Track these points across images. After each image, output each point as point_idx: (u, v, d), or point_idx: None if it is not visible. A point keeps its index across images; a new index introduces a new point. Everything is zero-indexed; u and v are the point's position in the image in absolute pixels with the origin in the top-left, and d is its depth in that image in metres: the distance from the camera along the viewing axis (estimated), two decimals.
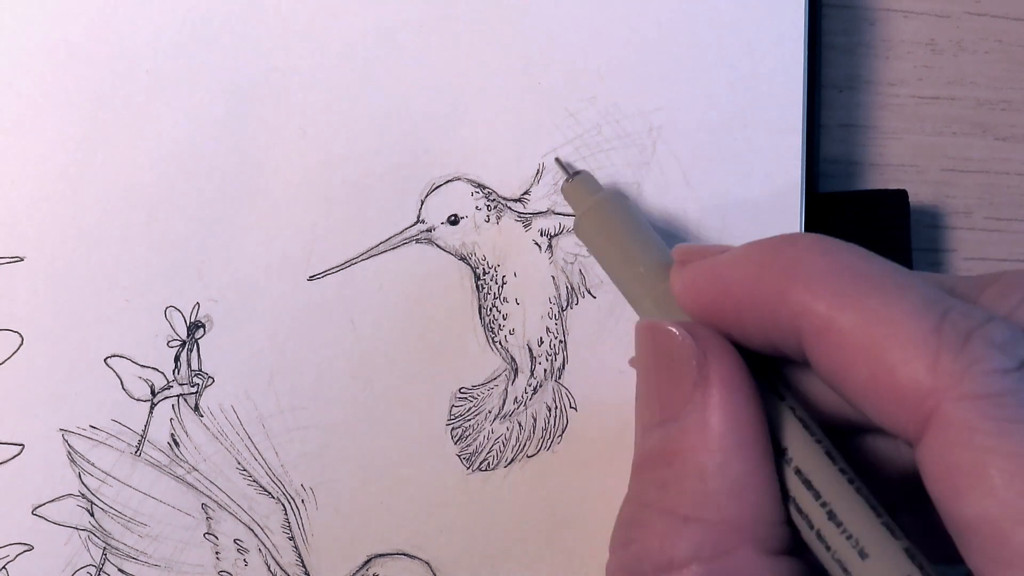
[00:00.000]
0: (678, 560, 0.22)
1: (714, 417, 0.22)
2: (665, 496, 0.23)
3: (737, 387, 0.23)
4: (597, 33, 0.32)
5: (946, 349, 0.19)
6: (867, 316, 0.20)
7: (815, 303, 0.21)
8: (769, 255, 0.23)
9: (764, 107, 0.33)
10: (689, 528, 0.22)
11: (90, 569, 0.31)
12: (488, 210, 0.32)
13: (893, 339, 0.20)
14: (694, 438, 0.22)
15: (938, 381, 0.19)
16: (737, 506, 0.22)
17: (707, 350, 0.23)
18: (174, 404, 0.31)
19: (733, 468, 0.22)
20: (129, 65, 0.32)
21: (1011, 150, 0.37)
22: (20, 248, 0.31)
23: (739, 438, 0.22)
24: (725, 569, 0.21)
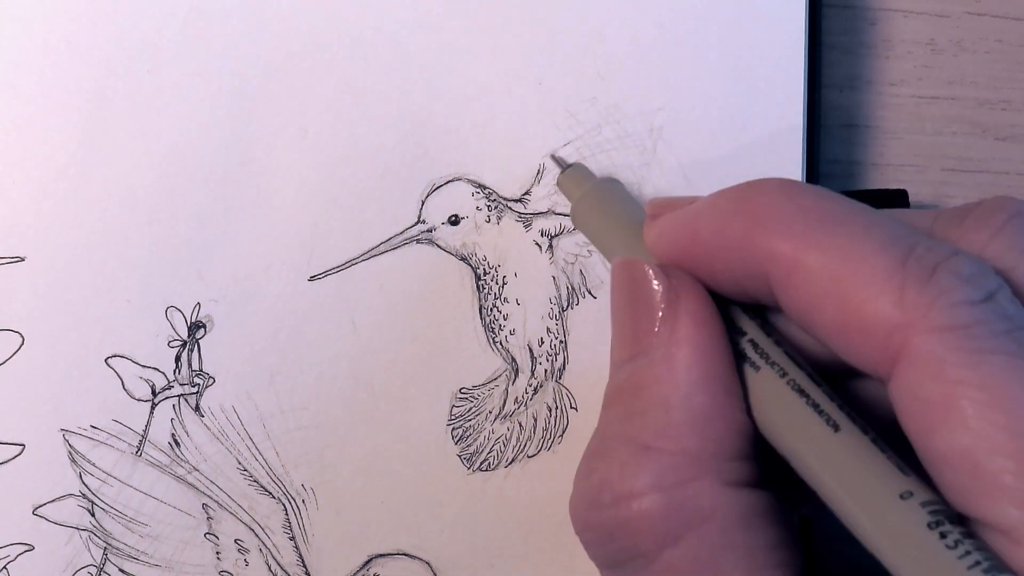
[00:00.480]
0: (638, 488, 0.22)
1: (680, 351, 0.22)
2: (629, 426, 0.23)
3: (704, 322, 0.23)
4: (598, 34, 0.32)
5: (912, 283, 0.19)
6: (832, 255, 0.20)
7: (781, 245, 0.21)
8: (735, 201, 0.23)
9: (764, 107, 0.33)
10: (650, 457, 0.22)
11: (91, 569, 0.31)
12: (489, 210, 0.32)
13: (858, 276, 0.20)
14: (660, 370, 0.23)
15: (905, 315, 0.19)
16: (699, 437, 0.22)
17: (677, 287, 0.23)
18: (175, 404, 0.31)
19: (696, 400, 0.22)
20: (130, 65, 0.32)
21: (1011, 150, 0.37)
22: (21, 248, 0.31)
23: (704, 371, 0.22)
24: (684, 498, 0.21)
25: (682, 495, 0.22)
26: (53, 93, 0.31)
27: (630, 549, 0.22)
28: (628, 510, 0.22)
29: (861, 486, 0.20)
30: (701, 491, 0.22)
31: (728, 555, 0.21)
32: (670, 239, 0.24)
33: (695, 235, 0.23)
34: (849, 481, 0.20)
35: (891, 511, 0.19)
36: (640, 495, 0.22)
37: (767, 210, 0.22)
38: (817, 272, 0.20)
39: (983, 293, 0.19)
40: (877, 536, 0.20)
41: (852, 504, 0.20)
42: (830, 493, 0.21)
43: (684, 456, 0.22)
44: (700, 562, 0.21)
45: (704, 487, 0.22)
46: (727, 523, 0.21)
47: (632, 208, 0.29)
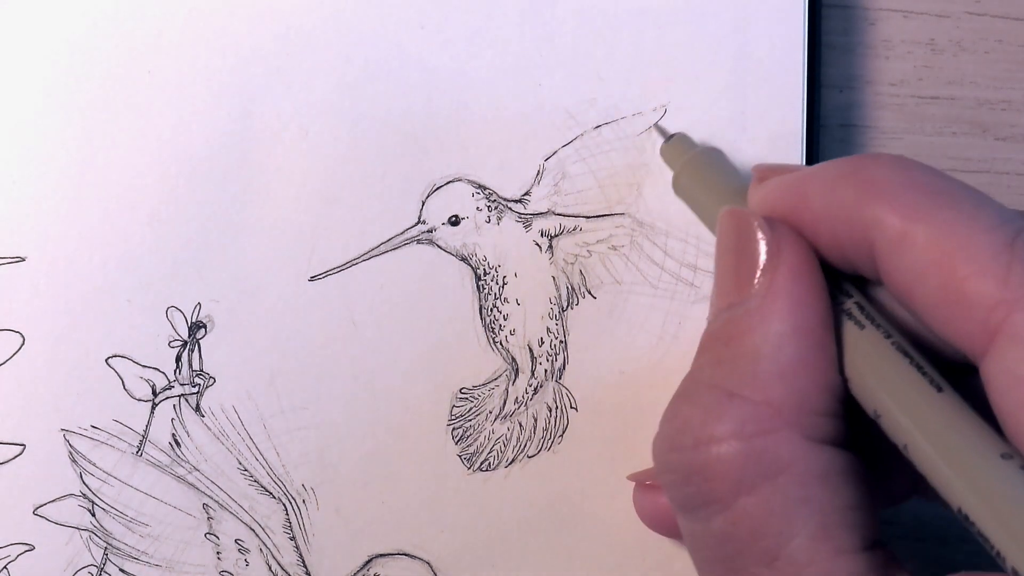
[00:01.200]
0: (719, 434, 0.22)
1: (776, 303, 0.22)
2: (716, 372, 0.23)
3: (804, 278, 0.23)
4: (597, 34, 0.32)
5: (1018, 263, 0.19)
6: (941, 229, 0.20)
7: (889, 215, 0.21)
8: (847, 169, 0.23)
9: (764, 107, 0.33)
10: (734, 405, 0.22)
11: (91, 569, 0.31)
12: (489, 211, 0.32)
13: (966, 251, 0.20)
14: (754, 320, 0.23)
15: (1009, 293, 0.19)
16: (784, 389, 0.22)
17: (780, 240, 0.23)
18: (175, 404, 0.31)
19: (786, 352, 0.22)
20: (131, 65, 0.32)
21: (1011, 150, 0.37)
22: (21, 248, 0.31)
23: (796, 324, 0.22)
24: (763, 448, 0.21)
25: (761, 444, 0.22)
26: (54, 93, 0.31)
27: (706, 493, 0.22)
28: (707, 454, 0.22)
29: (963, 445, 0.20)
30: (781, 442, 0.22)
31: (802, 509, 0.21)
32: (778, 200, 0.24)
33: (804, 198, 0.24)
34: (951, 440, 0.20)
35: (993, 470, 0.19)
36: (720, 441, 0.22)
37: (879, 179, 0.22)
38: (924, 244, 0.21)
39: None
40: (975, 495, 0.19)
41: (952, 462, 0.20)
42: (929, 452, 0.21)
43: (768, 406, 0.22)
44: (773, 513, 0.21)
45: (784, 439, 0.22)
46: (804, 477, 0.21)
47: (734, 175, 0.29)
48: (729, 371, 0.22)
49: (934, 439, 0.20)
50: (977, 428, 0.20)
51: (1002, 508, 0.19)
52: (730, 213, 0.25)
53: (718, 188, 0.28)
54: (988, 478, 0.19)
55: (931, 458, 0.20)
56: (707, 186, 0.29)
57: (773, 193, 0.25)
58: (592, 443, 0.32)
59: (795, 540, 0.21)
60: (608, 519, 0.31)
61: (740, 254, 0.24)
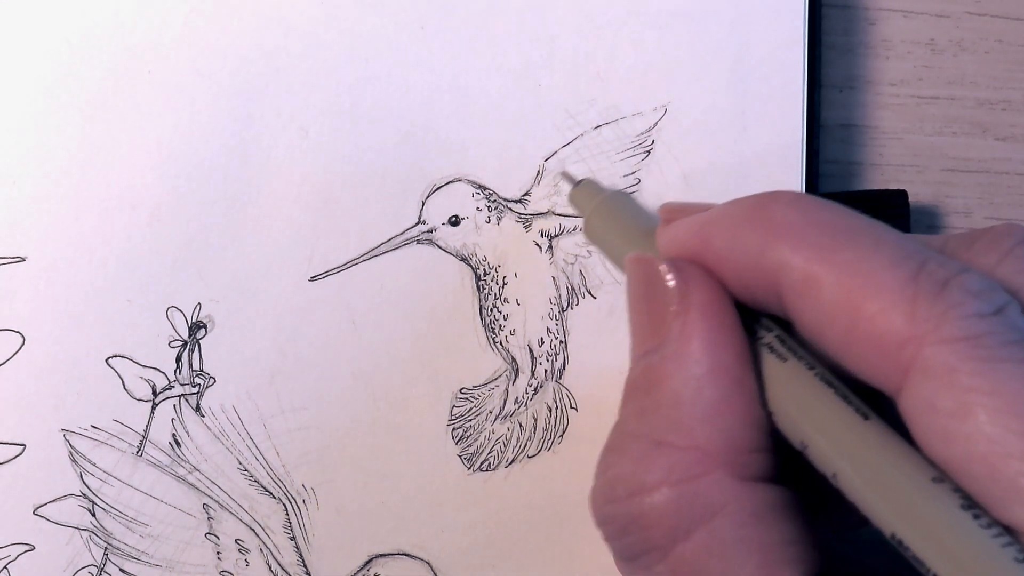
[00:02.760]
0: (649, 483, 0.22)
1: (691, 345, 0.22)
2: (642, 422, 0.23)
3: (715, 317, 0.23)
4: (597, 34, 0.32)
5: (923, 297, 0.19)
6: (844, 268, 0.20)
7: (793, 257, 0.21)
8: (750, 210, 0.23)
9: (764, 107, 0.33)
10: (661, 452, 0.22)
11: (92, 569, 0.31)
12: (489, 211, 0.32)
13: (870, 289, 0.20)
14: (671, 365, 0.22)
15: (916, 328, 0.19)
16: (709, 432, 0.22)
17: (688, 281, 0.23)
18: (175, 404, 0.31)
19: (706, 394, 0.22)
20: (131, 66, 0.32)
21: (1011, 150, 0.37)
22: (22, 248, 0.31)
23: (713, 365, 0.22)
24: (695, 492, 0.21)
25: (693, 489, 0.22)
26: (54, 93, 0.31)
27: (644, 543, 0.22)
28: (640, 505, 0.22)
29: (894, 470, 0.20)
30: (712, 485, 0.22)
31: (740, 549, 0.21)
32: (682, 244, 0.24)
33: (708, 242, 0.23)
34: (881, 466, 0.20)
35: (925, 494, 0.19)
36: (651, 490, 0.22)
37: (781, 221, 0.22)
38: (829, 285, 0.20)
39: (993, 307, 0.19)
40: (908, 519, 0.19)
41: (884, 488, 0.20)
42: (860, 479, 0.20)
43: (695, 451, 0.22)
44: (712, 556, 0.21)
45: (715, 481, 0.22)
46: (739, 517, 0.21)
47: (644, 216, 0.29)
48: (653, 419, 0.22)
49: (864, 466, 0.21)
50: (906, 454, 0.20)
51: (937, 531, 0.19)
52: (635, 260, 0.25)
53: (627, 231, 0.28)
54: (921, 502, 0.19)
55: (862, 486, 0.20)
56: (617, 230, 0.28)
57: (679, 236, 0.25)
58: (592, 443, 0.32)
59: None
60: None
61: (650, 300, 0.24)
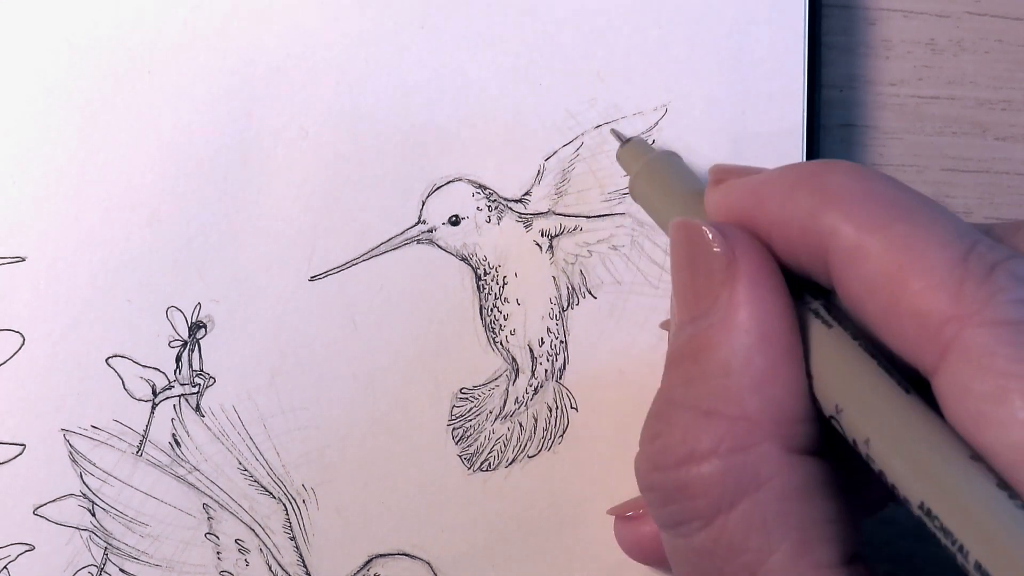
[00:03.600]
0: (698, 453, 0.22)
1: (739, 313, 0.22)
2: (690, 391, 0.23)
3: (764, 284, 0.22)
4: (597, 34, 0.32)
5: (971, 278, 0.19)
6: (895, 241, 0.20)
7: (844, 225, 0.21)
8: (804, 175, 0.23)
9: (764, 107, 0.33)
10: (711, 422, 0.22)
11: (91, 569, 0.31)
12: (489, 211, 0.32)
13: (919, 265, 0.20)
14: (720, 334, 0.22)
15: (961, 308, 0.19)
16: (758, 402, 0.22)
17: (736, 248, 0.23)
18: (175, 404, 0.31)
19: (756, 364, 0.22)
20: (131, 65, 0.32)
21: (1011, 150, 0.37)
22: (22, 248, 0.31)
23: (763, 334, 0.22)
24: (744, 463, 0.21)
25: (741, 461, 0.21)
26: (54, 93, 0.31)
27: (688, 511, 0.22)
28: (688, 474, 0.22)
29: (930, 443, 0.20)
30: (760, 457, 0.21)
31: (780, 524, 0.21)
32: (733, 204, 0.24)
33: (759, 203, 0.23)
34: (920, 436, 0.20)
35: (961, 469, 0.19)
36: (700, 460, 0.22)
37: (836, 188, 0.22)
38: (878, 256, 0.20)
39: None
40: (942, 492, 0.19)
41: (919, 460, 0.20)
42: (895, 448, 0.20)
43: (744, 421, 0.22)
44: (753, 529, 0.21)
45: (763, 453, 0.21)
46: (783, 491, 0.21)
47: (691, 179, 0.28)
48: (702, 389, 0.22)
49: (901, 434, 0.20)
50: (943, 429, 0.20)
51: (971, 506, 0.19)
52: (681, 224, 0.24)
53: (673, 193, 0.28)
54: (957, 475, 0.19)
55: (897, 452, 0.20)
56: (663, 191, 0.28)
57: (728, 197, 0.24)
58: (592, 443, 0.32)
59: (774, 555, 0.21)
60: (608, 519, 0.31)
61: (696, 265, 0.24)
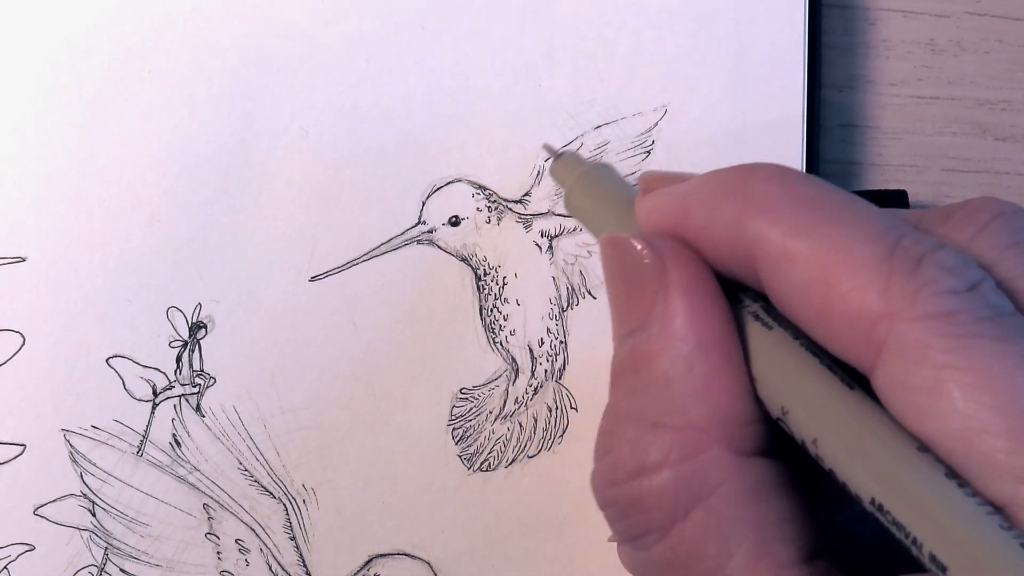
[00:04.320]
0: (648, 465, 0.22)
1: (675, 323, 0.22)
2: (634, 405, 0.23)
3: (697, 292, 0.23)
4: (597, 35, 0.32)
5: (897, 273, 0.19)
6: (820, 244, 0.20)
7: (770, 231, 0.21)
8: (729, 182, 0.23)
9: (764, 107, 0.33)
10: (657, 434, 0.22)
11: (92, 569, 0.31)
12: (489, 211, 0.32)
13: (845, 266, 0.20)
14: (658, 344, 0.22)
15: (890, 305, 0.19)
16: (702, 409, 0.22)
17: (666, 257, 0.23)
18: (176, 404, 0.31)
19: (696, 371, 0.22)
20: (131, 66, 0.32)
21: (1011, 150, 0.37)
22: (22, 248, 0.31)
23: (700, 341, 0.22)
24: (694, 471, 0.21)
25: (690, 469, 0.22)
26: (54, 93, 0.31)
27: (644, 524, 0.22)
28: (640, 487, 0.22)
29: (880, 437, 0.20)
30: (709, 463, 0.22)
31: (736, 528, 0.21)
32: (661, 214, 0.24)
33: (686, 213, 0.23)
34: (867, 432, 0.20)
35: (910, 461, 0.19)
36: (650, 472, 0.22)
37: (759, 194, 0.22)
38: (805, 260, 0.20)
39: (967, 283, 0.19)
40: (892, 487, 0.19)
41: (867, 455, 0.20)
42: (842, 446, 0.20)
43: (690, 429, 0.22)
44: (709, 535, 0.21)
45: (712, 459, 0.22)
46: (735, 495, 0.21)
47: (624, 189, 0.28)
48: (645, 400, 0.22)
49: (847, 432, 0.20)
50: (890, 424, 0.20)
51: (922, 497, 0.19)
52: (609, 240, 0.25)
53: (607, 204, 0.27)
54: (906, 468, 0.19)
55: (844, 451, 0.20)
56: (596, 203, 0.28)
57: (656, 207, 0.24)
58: (592, 443, 0.32)
59: (733, 560, 0.21)
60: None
61: (628, 278, 0.24)
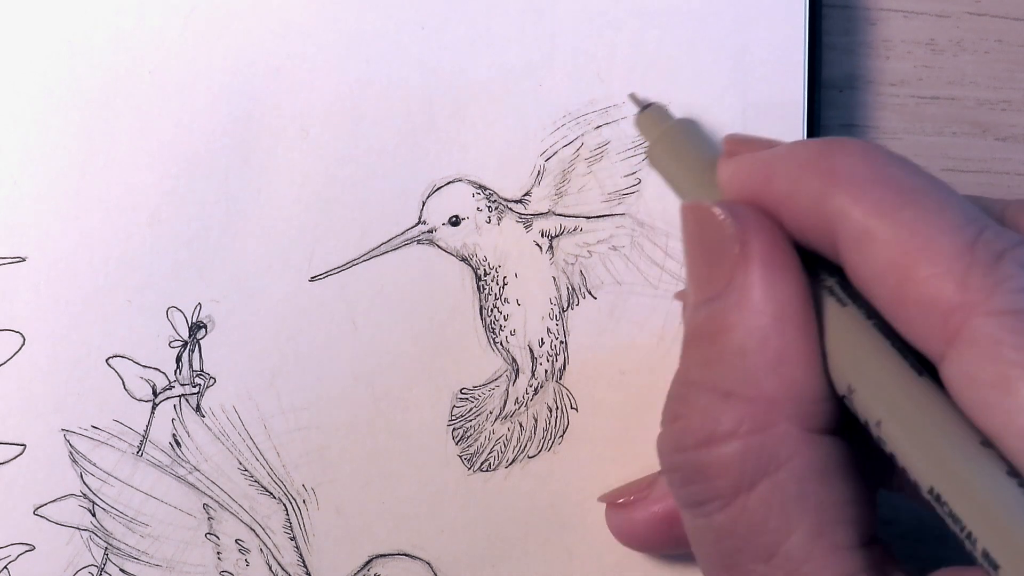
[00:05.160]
0: (718, 435, 0.22)
1: (753, 294, 0.22)
2: (707, 373, 0.23)
3: (777, 264, 0.22)
4: (597, 34, 0.32)
5: (977, 266, 0.19)
6: (903, 227, 0.20)
7: (853, 209, 0.21)
8: (815, 154, 0.22)
9: (764, 107, 0.33)
10: (729, 404, 0.22)
11: (92, 569, 0.31)
12: (489, 211, 0.32)
13: (926, 253, 0.20)
14: (735, 315, 0.22)
15: (967, 297, 0.19)
16: (776, 382, 0.22)
17: (747, 228, 0.23)
18: (176, 404, 0.31)
19: (772, 344, 0.22)
20: (132, 65, 0.32)
21: (1011, 150, 0.37)
22: (22, 248, 0.31)
23: (778, 314, 0.22)
24: (764, 444, 0.21)
25: (759, 441, 0.21)
26: (54, 93, 0.31)
27: (709, 491, 0.22)
28: (708, 455, 0.22)
29: (944, 426, 0.20)
30: (779, 437, 0.21)
31: (799, 505, 0.21)
32: (744, 180, 0.24)
33: (769, 180, 0.23)
34: (929, 421, 0.20)
35: (971, 455, 0.19)
36: (720, 441, 0.22)
37: (846, 170, 0.21)
38: (886, 242, 0.20)
39: None
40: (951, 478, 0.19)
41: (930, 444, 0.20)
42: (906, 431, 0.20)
43: (763, 402, 0.22)
44: (771, 510, 0.21)
45: (782, 433, 0.21)
46: (802, 472, 0.21)
47: (709, 147, 0.28)
48: (719, 369, 0.22)
49: (912, 417, 0.20)
50: (955, 415, 0.20)
51: (980, 492, 0.19)
52: (691, 207, 0.24)
53: (690, 163, 0.27)
54: (967, 461, 0.19)
55: (908, 436, 0.20)
56: (679, 160, 0.28)
57: (739, 172, 0.24)
58: (592, 443, 0.32)
59: (792, 537, 0.21)
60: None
61: (708, 246, 0.23)
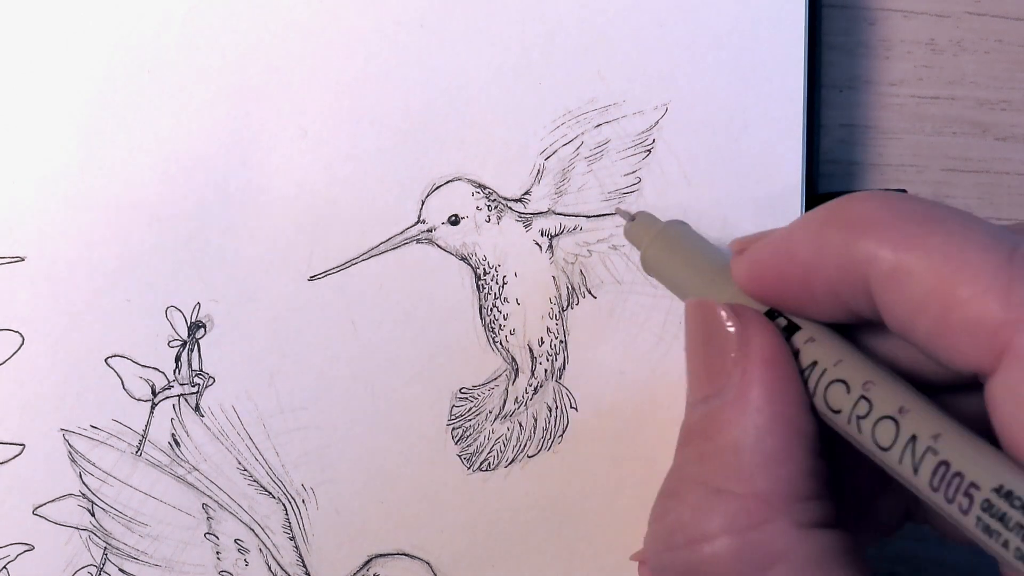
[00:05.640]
0: (710, 532, 0.22)
1: (751, 393, 0.22)
2: (701, 469, 0.23)
3: (776, 364, 0.23)
4: (598, 33, 0.32)
5: (1018, 281, 0.19)
6: (935, 255, 0.20)
7: (880, 249, 0.21)
8: (830, 214, 0.23)
9: (764, 107, 0.33)
10: (722, 500, 0.22)
11: (91, 569, 0.31)
12: (489, 210, 0.32)
13: (963, 274, 0.19)
14: (732, 413, 0.23)
15: (1011, 312, 0.19)
16: (769, 480, 0.22)
17: (749, 328, 0.23)
18: (175, 404, 0.31)
19: (767, 443, 0.22)
20: (130, 65, 0.32)
21: (1011, 150, 0.37)
22: (21, 248, 0.31)
23: (775, 414, 0.22)
24: (756, 541, 0.22)
25: (753, 538, 0.22)
26: (54, 93, 0.31)
27: None
28: (700, 553, 0.22)
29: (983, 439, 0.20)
30: (773, 533, 0.22)
31: None
32: (765, 266, 0.24)
33: (791, 254, 0.23)
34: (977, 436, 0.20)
35: None
36: (712, 538, 0.22)
37: (864, 216, 0.21)
38: (920, 272, 0.20)
39: None
40: None
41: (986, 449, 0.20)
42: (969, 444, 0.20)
43: (756, 499, 0.22)
44: None
45: (775, 529, 0.22)
46: (798, 566, 0.21)
47: (704, 247, 0.29)
48: (713, 466, 0.23)
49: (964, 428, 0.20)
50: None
51: None
52: (696, 304, 0.25)
53: (690, 264, 0.28)
54: None
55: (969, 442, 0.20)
56: (678, 263, 0.28)
57: (758, 259, 0.24)
58: (592, 443, 0.32)
59: None
60: (608, 519, 0.31)
61: (710, 345, 0.24)
